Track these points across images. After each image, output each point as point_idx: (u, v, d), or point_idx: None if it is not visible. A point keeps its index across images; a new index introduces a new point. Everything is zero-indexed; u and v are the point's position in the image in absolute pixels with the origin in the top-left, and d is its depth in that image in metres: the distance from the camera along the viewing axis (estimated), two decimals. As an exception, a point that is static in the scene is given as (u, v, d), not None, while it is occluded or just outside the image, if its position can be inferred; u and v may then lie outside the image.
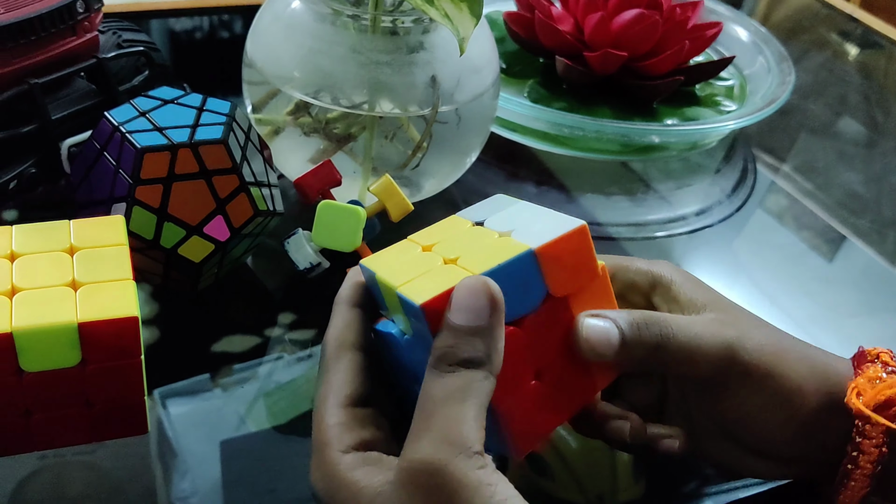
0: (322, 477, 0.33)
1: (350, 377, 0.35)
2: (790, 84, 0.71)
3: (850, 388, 0.38)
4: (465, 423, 0.31)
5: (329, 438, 0.33)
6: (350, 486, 0.32)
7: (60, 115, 0.49)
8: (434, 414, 0.31)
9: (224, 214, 0.46)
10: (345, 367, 0.35)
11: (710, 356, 0.37)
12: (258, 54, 0.55)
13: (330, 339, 0.36)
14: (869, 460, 0.37)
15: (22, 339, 0.35)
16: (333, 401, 0.34)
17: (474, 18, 0.46)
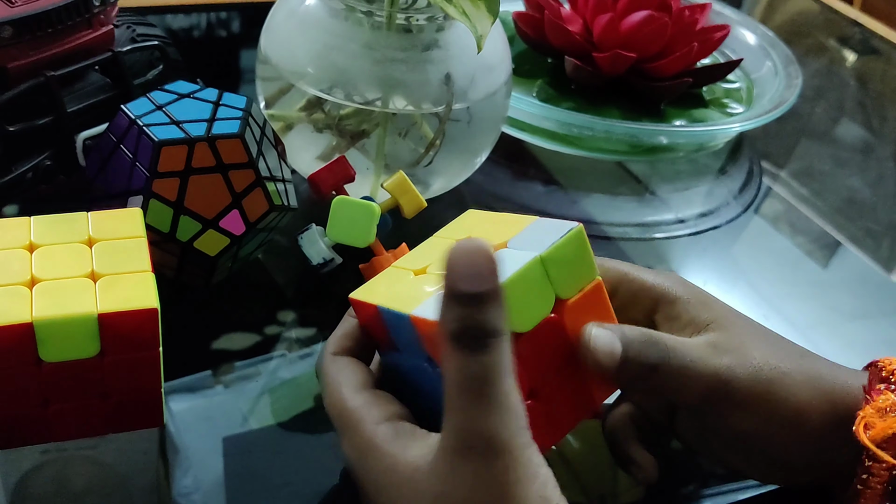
0: (357, 453, 0.33)
1: (355, 368, 0.36)
2: (797, 87, 0.71)
3: (859, 418, 0.37)
4: (515, 396, 0.30)
5: (359, 417, 0.34)
6: (385, 458, 0.32)
7: (76, 108, 0.49)
8: (480, 392, 0.30)
9: (240, 208, 0.46)
10: (346, 363, 0.37)
11: (700, 384, 0.37)
12: (272, 50, 0.55)
13: (326, 346, 0.38)
14: (879, 481, 0.37)
15: (42, 330, 0.35)
16: (348, 387, 0.35)
17: (492, 16, 0.46)
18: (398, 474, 0.32)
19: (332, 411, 0.35)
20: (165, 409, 0.44)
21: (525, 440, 0.30)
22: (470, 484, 0.30)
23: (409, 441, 0.32)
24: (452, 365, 0.30)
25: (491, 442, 0.30)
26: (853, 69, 0.95)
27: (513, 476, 0.30)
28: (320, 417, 0.45)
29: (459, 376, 0.30)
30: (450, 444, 0.30)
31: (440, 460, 0.31)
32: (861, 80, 0.93)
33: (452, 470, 0.30)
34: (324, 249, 0.49)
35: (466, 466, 0.30)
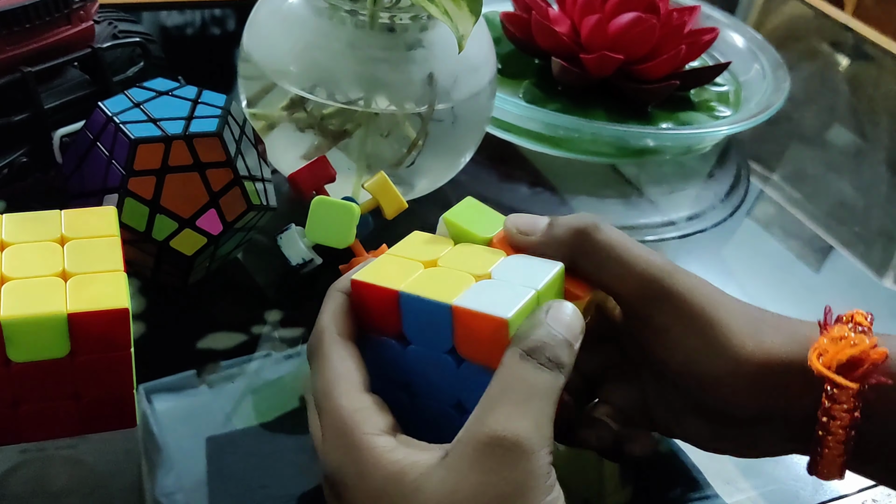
0: (351, 460, 0.32)
1: (357, 364, 0.35)
2: (785, 91, 0.71)
3: (812, 349, 0.36)
4: (551, 421, 0.32)
5: (355, 421, 0.32)
6: (389, 467, 0.31)
7: (53, 105, 0.49)
8: (530, 400, 0.31)
9: (217, 208, 0.45)
10: (350, 353, 0.35)
11: (637, 265, 0.37)
12: (254, 48, 0.55)
13: (326, 324, 0.36)
14: (840, 425, 0.36)
15: (10, 329, 0.34)
16: (348, 385, 0.34)
17: (473, 16, 0.46)
18: (403, 479, 0.31)
19: (322, 404, 0.34)
20: (148, 409, 0.44)
21: (550, 461, 0.31)
22: (488, 479, 0.30)
23: (413, 450, 0.32)
24: (515, 371, 0.32)
25: (523, 445, 0.30)
26: (845, 74, 0.95)
27: (532, 481, 0.30)
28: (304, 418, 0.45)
29: (516, 380, 0.32)
30: (476, 438, 0.31)
31: (458, 454, 0.31)
32: (853, 85, 0.93)
33: (472, 463, 0.30)
34: (303, 250, 0.49)
35: (489, 462, 0.30)
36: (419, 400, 0.36)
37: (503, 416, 0.31)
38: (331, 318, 0.36)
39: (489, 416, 0.31)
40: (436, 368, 0.35)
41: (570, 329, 0.34)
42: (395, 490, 0.31)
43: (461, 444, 0.31)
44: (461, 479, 0.30)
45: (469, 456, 0.30)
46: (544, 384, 0.32)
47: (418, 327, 0.35)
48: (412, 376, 0.36)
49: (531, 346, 0.33)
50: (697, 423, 0.40)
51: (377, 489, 0.31)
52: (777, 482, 0.45)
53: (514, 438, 0.30)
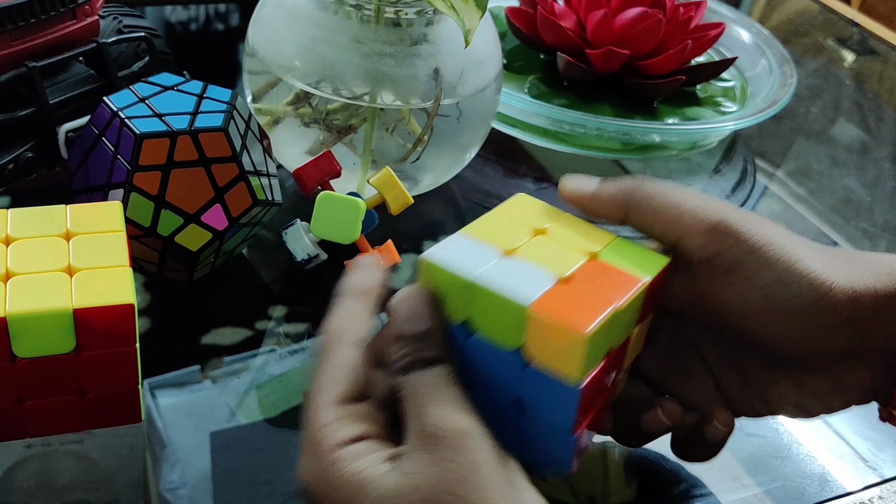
0: (318, 475, 0.32)
1: (344, 373, 0.34)
2: (791, 86, 0.71)
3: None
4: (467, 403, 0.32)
5: (323, 435, 0.32)
6: (352, 477, 0.31)
7: (58, 100, 0.48)
8: (434, 395, 0.32)
9: (222, 203, 0.45)
10: (339, 361, 0.35)
11: (693, 210, 0.36)
12: (260, 43, 0.55)
13: (328, 331, 0.36)
14: None
15: (16, 325, 0.34)
16: (326, 398, 0.34)
17: (480, 10, 0.46)
18: (364, 489, 0.31)
19: (305, 412, 0.34)
20: (152, 404, 0.44)
21: (488, 437, 0.31)
22: (438, 469, 0.30)
23: (376, 455, 0.32)
24: (405, 384, 0.33)
25: (455, 428, 0.31)
26: (851, 69, 0.95)
27: (480, 457, 0.31)
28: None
29: (412, 390, 0.33)
30: (415, 443, 0.31)
31: (406, 462, 0.31)
32: (858, 81, 0.93)
33: (420, 465, 0.31)
34: (308, 245, 0.49)
35: (435, 455, 0.31)
36: (475, 391, 0.34)
37: (423, 417, 0.32)
38: (331, 324, 0.36)
39: (412, 425, 0.32)
40: (498, 363, 0.34)
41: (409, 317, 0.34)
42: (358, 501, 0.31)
43: (409, 450, 0.31)
44: (420, 478, 0.30)
45: (417, 457, 0.31)
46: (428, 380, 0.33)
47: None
48: (472, 365, 0.35)
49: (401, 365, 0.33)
50: (779, 383, 0.38)
51: (340, 500, 0.31)
52: (783, 479, 0.45)
53: (443, 429, 0.31)
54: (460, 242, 0.35)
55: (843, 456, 0.47)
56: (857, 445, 0.48)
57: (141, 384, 0.38)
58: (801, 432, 0.48)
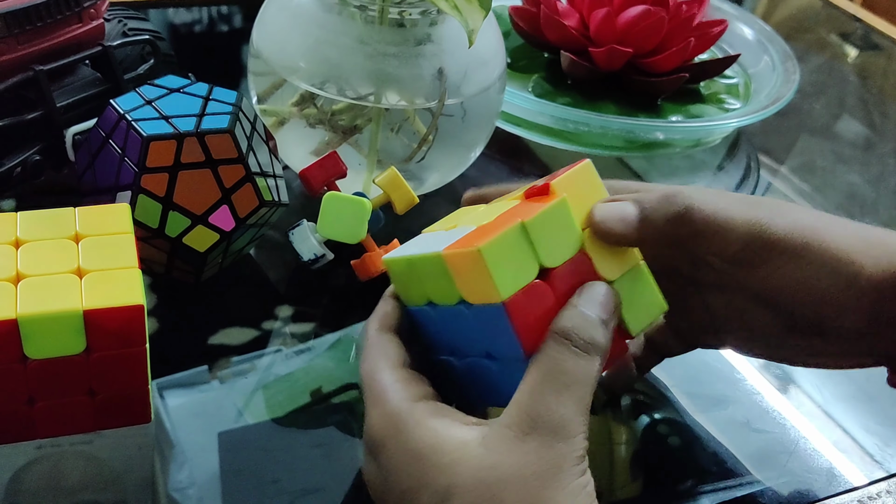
0: (387, 426, 0.33)
1: (396, 348, 0.36)
2: (795, 83, 0.71)
3: None
4: (588, 407, 0.33)
5: (395, 391, 0.34)
6: (427, 432, 0.32)
7: (65, 103, 0.49)
8: (569, 388, 0.32)
9: (230, 204, 0.45)
10: (389, 340, 0.37)
11: (733, 234, 0.36)
12: (264, 44, 0.55)
13: (371, 321, 0.38)
14: None
15: (27, 326, 0.34)
16: (386, 363, 0.35)
17: (483, 10, 0.46)
18: (441, 449, 0.32)
19: (366, 381, 0.35)
20: (161, 405, 0.44)
21: (585, 447, 0.32)
22: (527, 460, 0.31)
23: (449, 419, 0.33)
24: (553, 356, 0.33)
25: (564, 429, 0.31)
26: (854, 65, 0.95)
27: (567, 463, 0.31)
28: (315, 413, 0.45)
29: (556, 367, 0.33)
30: (517, 420, 0.32)
31: (497, 434, 0.32)
32: (862, 76, 0.93)
33: (512, 445, 0.31)
34: (315, 245, 0.49)
35: (529, 444, 0.31)
36: (463, 360, 0.37)
37: (543, 404, 0.32)
38: (374, 316, 0.38)
39: (530, 403, 0.32)
40: (458, 322, 0.36)
41: (604, 308, 0.34)
42: (432, 459, 0.32)
43: (502, 427, 0.32)
44: (501, 458, 0.31)
45: (509, 438, 0.31)
46: (580, 370, 0.33)
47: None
48: (448, 337, 0.37)
49: (563, 328, 0.33)
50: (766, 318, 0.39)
51: (414, 452, 0.32)
52: (790, 474, 0.45)
53: (553, 425, 0.31)
54: (417, 239, 0.39)
55: (849, 451, 0.47)
56: (864, 441, 0.48)
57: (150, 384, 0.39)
58: (808, 428, 0.48)
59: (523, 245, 0.34)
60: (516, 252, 0.34)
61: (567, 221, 0.35)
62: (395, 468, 0.33)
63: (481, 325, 0.35)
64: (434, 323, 0.37)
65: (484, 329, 0.35)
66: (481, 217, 0.37)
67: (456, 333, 0.36)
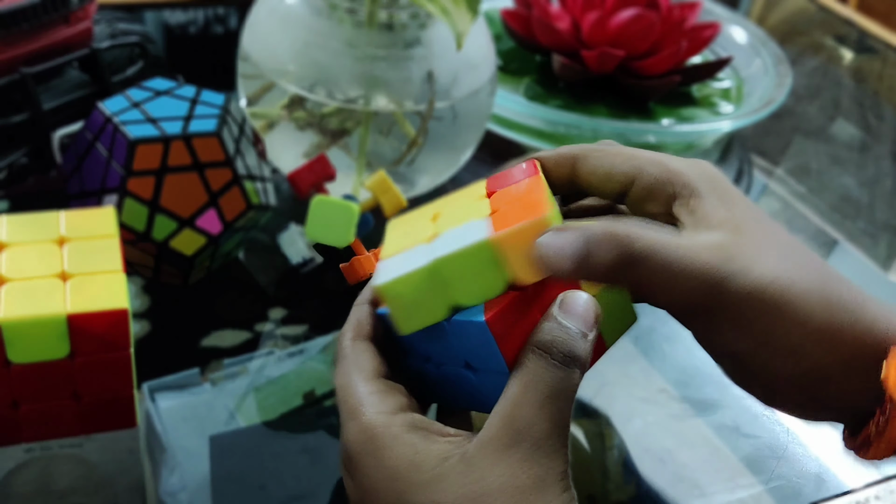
0: (367, 440, 0.32)
1: (371, 358, 0.35)
2: (787, 86, 0.71)
3: (886, 365, 0.33)
4: (569, 420, 0.32)
5: (370, 403, 0.33)
6: (404, 451, 0.31)
7: (53, 106, 0.48)
8: (549, 401, 0.32)
9: (217, 207, 0.45)
10: (363, 350, 0.35)
11: (686, 287, 0.33)
12: (254, 47, 0.55)
13: (345, 330, 0.36)
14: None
15: (10, 330, 0.34)
16: (361, 374, 0.34)
17: (472, 14, 0.46)
18: (420, 466, 0.31)
19: (340, 395, 0.34)
20: (152, 407, 0.44)
21: (566, 460, 0.32)
22: (510, 474, 0.30)
23: (428, 432, 0.32)
24: (533, 369, 0.32)
25: (545, 442, 0.31)
26: (848, 68, 0.95)
27: (551, 478, 0.31)
28: (307, 416, 0.45)
29: (536, 380, 0.32)
30: (497, 434, 0.31)
31: (479, 449, 0.31)
32: (857, 79, 0.93)
33: (494, 459, 0.31)
34: (303, 249, 0.49)
35: (511, 458, 0.31)
36: (442, 368, 0.36)
37: (525, 417, 0.31)
38: (347, 325, 0.37)
39: (512, 416, 0.31)
40: (436, 334, 0.35)
41: (584, 320, 0.33)
42: (411, 476, 0.31)
43: (484, 441, 0.31)
44: (484, 473, 0.31)
45: (492, 453, 0.31)
46: (560, 384, 0.32)
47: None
48: (425, 346, 0.36)
49: (542, 341, 0.32)
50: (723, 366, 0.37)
51: (392, 470, 0.31)
52: (780, 478, 0.45)
53: (536, 438, 0.31)
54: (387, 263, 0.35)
55: (840, 455, 0.47)
56: (855, 444, 0.48)
57: (137, 388, 0.38)
58: (799, 432, 0.48)
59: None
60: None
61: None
62: (371, 487, 0.32)
63: (461, 340, 0.34)
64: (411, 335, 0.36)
65: (463, 343, 0.34)
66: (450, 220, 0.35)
67: (433, 343, 0.36)
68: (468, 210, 0.36)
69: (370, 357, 0.35)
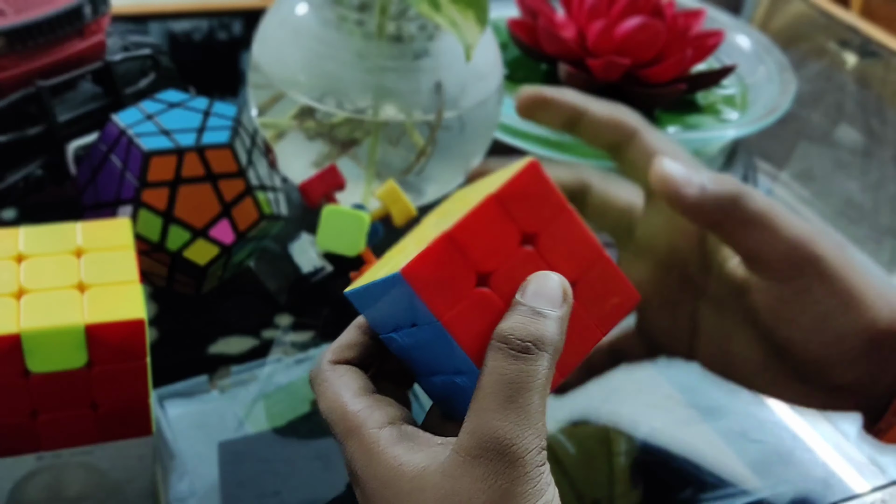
0: (361, 457, 0.32)
1: (355, 376, 0.35)
2: (791, 93, 0.71)
3: None
4: (542, 415, 0.31)
5: (361, 421, 0.33)
6: (389, 461, 0.31)
7: (67, 118, 0.49)
8: (514, 397, 0.30)
9: (230, 218, 0.46)
10: (346, 370, 0.36)
11: (789, 235, 0.36)
12: (264, 58, 0.55)
13: (325, 354, 0.36)
14: None
15: (29, 341, 0.35)
16: (349, 392, 0.34)
17: (480, 26, 0.46)
18: (403, 476, 0.31)
19: (332, 416, 0.34)
20: (161, 415, 0.44)
21: (541, 459, 0.31)
22: (477, 487, 0.30)
23: (413, 444, 0.32)
24: (492, 366, 0.31)
25: (508, 449, 0.30)
26: (852, 73, 0.95)
27: (521, 488, 0.30)
28: (316, 423, 0.46)
29: (496, 378, 0.31)
30: (466, 444, 0.30)
31: (451, 460, 0.31)
32: (860, 84, 0.93)
33: (463, 471, 0.30)
34: (314, 258, 0.49)
35: (477, 469, 0.30)
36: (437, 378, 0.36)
37: (488, 421, 0.30)
38: (329, 350, 0.36)
39: (476, 421, 0.31)
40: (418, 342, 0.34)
41: (550, 299, 0.32)
42: (396, 485, 0.31)
43: (455, 452, 0.31)
44: (455, 485, 0.30)
45: (461, 463, 0.30)
46: (523, 376, 0.31)
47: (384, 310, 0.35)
48: (417, 356, 0.35)
49: (500, 333, 0.31)
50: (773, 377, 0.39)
51: (382, 479, 0.32)
52: (787, 483, 0.45)
53: (498, 446, 0.30)
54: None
55: (847, 459, 0.47)
56: (862, 449, 0.48)
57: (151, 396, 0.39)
58: (805, 436, 0.48)
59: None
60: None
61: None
62: (370, 497, 0.32)
63: (432, 344, 0.34)
64: (403, 348, 0.36)
65: (436, 347, 0.33)
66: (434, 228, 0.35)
67: (422, 353, 0.35)
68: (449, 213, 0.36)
69: (353, 375, 0.35)
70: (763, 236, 0.36)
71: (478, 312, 0.32)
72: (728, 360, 0.40)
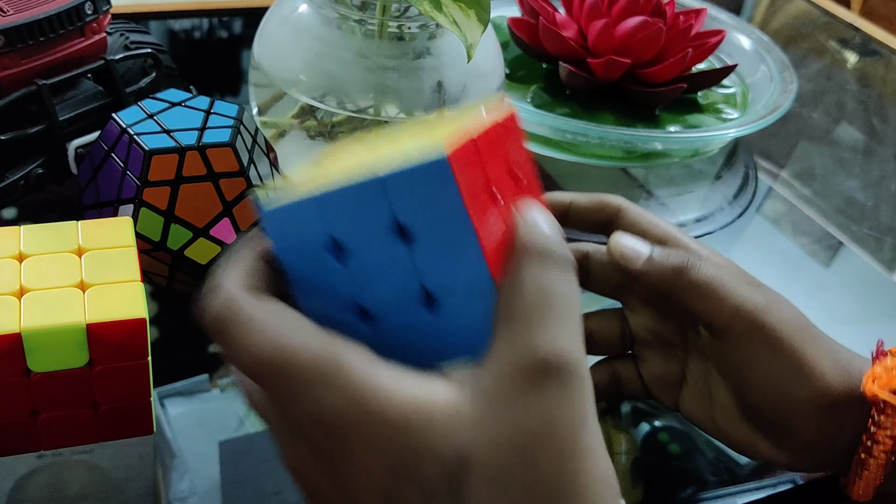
0: (351, 402, 0.26)
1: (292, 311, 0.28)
2: (792, 92, 0.71)
3: (867, 376, 0.38)
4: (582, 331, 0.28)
5: (335, 357, 0.26)
6: (408, 404, 0.26)
7: (68, 116, 0.49)
8: (571, 315, 0.27)
9: (231, 217, 0.46)
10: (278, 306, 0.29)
11: (734, 303, 0.38)
12: (265, 57, 0.55)
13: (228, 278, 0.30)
14: (883, 450, 0.37)
15: (30, 340, 0.35)
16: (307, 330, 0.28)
17: (482, 25, 0.46)
18: (431, 417, 0.25)
19: (277, 359, 0.27)
20: (162, 414, 0.44)
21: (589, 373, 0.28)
22: (548, 406, 0.26)
23: (422, 380, 0.26)
24: (537, 275, 0.27)
25: (577, 363, 0.26)
26: (852, 72, 0.95)
27: (589, 403, 0.27)
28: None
29: (546, 291, 0.27)
30: (514, 366, 0.26)
31: (499, 386, 0.26)
32: (861, 83, 0.93)
33: (524, 393, 0.26)
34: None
35: (546, 386, 0.26)
36: (382, 323, 0.30)
37: (548, 338, 0.26)
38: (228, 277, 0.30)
39: (530, 341, 0.26)
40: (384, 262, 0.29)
41: (556, 224, 0.29)
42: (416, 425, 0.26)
43: (500, 376, 0.26)
44: (517, 412, 0.26)
45: (518, 386, 0.26)
46: (572, 293, 0.28)
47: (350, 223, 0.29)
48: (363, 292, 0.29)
49: (540, 245, 0.28)
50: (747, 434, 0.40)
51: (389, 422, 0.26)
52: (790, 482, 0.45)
53: (566, 362, 0.26)
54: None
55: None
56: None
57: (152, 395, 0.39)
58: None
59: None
60: None
61: None
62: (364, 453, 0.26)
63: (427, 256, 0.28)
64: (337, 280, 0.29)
65: (431, 260, 0.28)
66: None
67: (374, 283, 0.29)
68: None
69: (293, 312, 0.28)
70: (708, 304, 0.38)
71: (495, 227, 0.29)
72: (708, 412, 0.41)
